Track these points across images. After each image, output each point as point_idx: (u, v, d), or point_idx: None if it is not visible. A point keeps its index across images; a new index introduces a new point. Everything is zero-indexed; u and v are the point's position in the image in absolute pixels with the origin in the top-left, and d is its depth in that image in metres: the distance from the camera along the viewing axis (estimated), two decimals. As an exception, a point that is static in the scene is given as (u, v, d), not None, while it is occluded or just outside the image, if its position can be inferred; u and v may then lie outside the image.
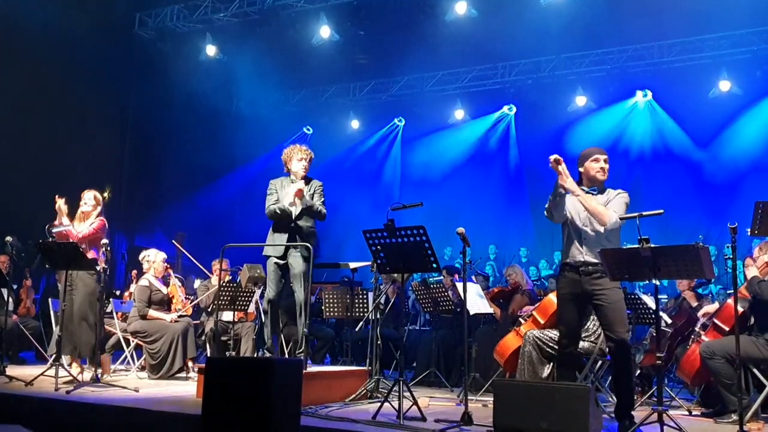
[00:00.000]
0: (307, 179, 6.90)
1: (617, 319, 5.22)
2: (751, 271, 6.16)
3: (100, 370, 7.00)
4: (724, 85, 13.23)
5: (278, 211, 6.74)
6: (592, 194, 5.46)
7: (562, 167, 5.34)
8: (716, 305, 7.13)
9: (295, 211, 6.72)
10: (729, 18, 12.05)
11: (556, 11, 11.99)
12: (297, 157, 6.91)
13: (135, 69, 14.19)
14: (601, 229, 5.31)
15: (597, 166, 5.49)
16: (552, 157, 5.38)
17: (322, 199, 6.84)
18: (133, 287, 9.12)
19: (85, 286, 7.26)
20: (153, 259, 8.56)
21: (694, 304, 7.66)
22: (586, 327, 6.53)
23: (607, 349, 5.87)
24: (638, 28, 12.61)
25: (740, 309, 5.78)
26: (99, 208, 7.55)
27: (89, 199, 7.52)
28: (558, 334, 6.50)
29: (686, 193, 13.77)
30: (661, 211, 5.38)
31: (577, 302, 5.39)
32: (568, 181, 5.33)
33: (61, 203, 7.39)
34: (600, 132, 14.41)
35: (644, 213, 5.25)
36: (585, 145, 5.80)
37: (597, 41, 13.47)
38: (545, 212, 5.56)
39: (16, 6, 11.49)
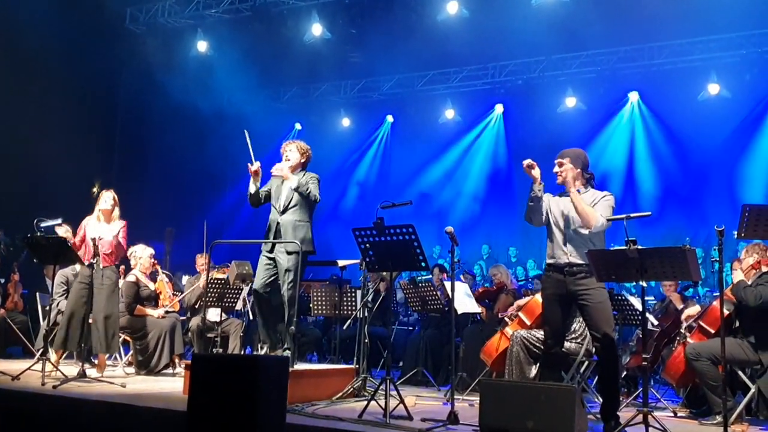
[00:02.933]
0: (303, 172, 6.87)
1: (602, 319, 5.24)
2: (737, 275, 6.20)
3: (87, 365, 6.97)
4: (713, 88, 13.26)
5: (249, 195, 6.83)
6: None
7: (536, 171, 5.38)
8: (698, 308, 7.18)
9: (252, 189, 6.76)
10: (719, 21, 12.09)
11: (547, 12, 12.02)
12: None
13: (125, 64, 14.14)
14: (586, 231, 5.34)
15: (557, 169, 5.52)
16: (525, 163, 5.43)
17: (315, 185, 6.67)
18: (120, 282, 9.10)
19: (111, 282, 7.25)
20: (140, 255, 8.55)
21: (680, 306, 7.69)
22: (572, 328, 6.56)
23: (594, 350, 5.89)
24: (628, 30, 12.64)
25: (726, 311, 5.82)
26: (117, 209, 7.56)
27: (108, 198, 7.53)
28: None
29: (674, 195, 13.83)
30: (649, 213, 5.42)
31: (561, 302, 5.41)
32: (568, 181, 5.40)
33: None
34: (589, 133, 14.45)
35: (632, 215, 5.27)
36: (574, 146, 5.80)
37: (587, 43, 13.50)
38: (525, 217, 5.62)
39: (4, 1, 11.43)
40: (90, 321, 7.19)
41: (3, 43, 11.77)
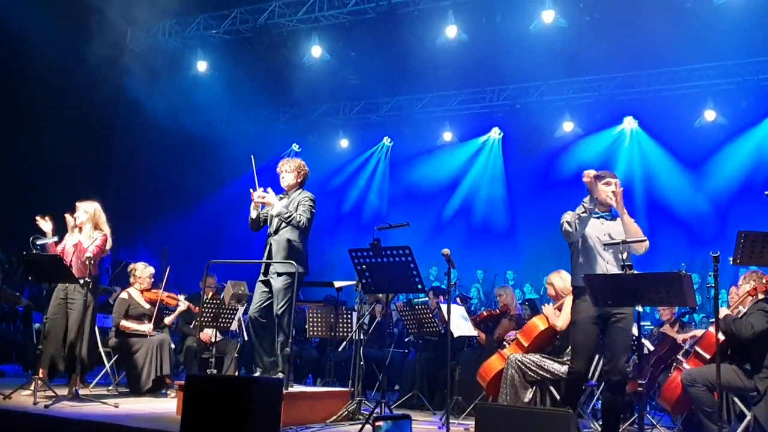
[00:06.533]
0: (299, 191, 6.86)
1: (625, 346, 5.29)
2: (723, 311, 6.15)
3: (80, 385, 6.92)
4: (710, 115, 13.35)
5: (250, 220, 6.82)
6: (605, 219, 5.48)
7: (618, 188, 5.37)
8: (701, 331, 7.16)
9: (254, 215, 6.77)
10: (716, 49, 12.19)
11: (545, 37, 12.09)
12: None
13: (124, 82, 14.18)
14: (625, 255, 5.31)
15: (609, 189, 5.47)
16: (592, 173, 5.37)
17: (305, 208, 6.61)
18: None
19: (80, 296, 7.18)
20: (139, 273, 8.49)
21: (677, 336, 7.64)
22: (566, 351, 6.52)
23: (602, 373, 5.78)
24: (626, 56, 12.73)
25: (721, 337, 5.81)
26: (92, 220, 7.46)
27: (80, 212, 7.44)
28: (541, 358, 6.52)
29: (670, 221, 13.85)
30: (645, 238, 5.42)
31: (598, 325, 5.37)
32: (619, 200, 5.36)
33: (43, 224, 7.30)
34: (586, 158, 14.48)
35: (628, 240, 5.28)
36: (572, 171, 5.83)
37: (585, 68, 13.58)
38: (567, 226, 5.46)
39: (5, 18, 11.46)
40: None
41: (1, 62, 11.80)
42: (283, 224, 6.61)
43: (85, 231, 7.39)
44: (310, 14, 13.36)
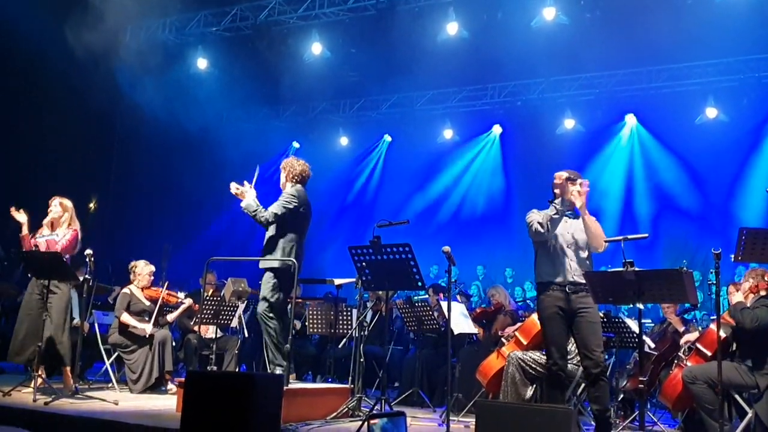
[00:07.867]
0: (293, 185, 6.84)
1: (597, 338, 5.30)
2: (736, 297, 6.19)
3: (79, 382, 6.91)
4: (711, 112, 13.32)
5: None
6: (567, 217, 5.52)
7: (584, 188, 5.39)
8: (698, 333, 7.15)
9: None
10: (717, 46, 12.17)
11: (546, 34, 12.07)
12: None
13: (124, 80, 14.17)
14: (586, 253, 5.35)
15: (574, 188, 5.51)
16: (564, 175, 5.46)
17: (277, 203, 6.50)
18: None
19: (63, 295, 7.15)
20: (140, 271, 8.48)
21: (681, 329, 7.64)
22: (569, 350, 6.51)
23: (585, 370, 5.79)
24: (627, 53, 12.71)
25: (723, 335, 5.80)
26: (66, 216, 7.38)
27: (55, 206, 7.40)
28: (540, 355, 6.51)
29: (671, 218, 13.83)
30: (646, 234, 5.42)
31: (565, 318, 5.43)
32: (583, 200, 5.39)
33: (18, 216, 7.26)
34: (587, 155, 14.48)
35: (629, 236, 5.29)
36: (573, 168, 5.80)
37: (586, 65, 13.56)
38: (539, 227, 5.50)
39: (3, 17, 11.45)
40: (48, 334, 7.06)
41: (1, 60, 11.78)
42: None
43: (55, 226, 7.36)
44: (310, 11, 13.35)
